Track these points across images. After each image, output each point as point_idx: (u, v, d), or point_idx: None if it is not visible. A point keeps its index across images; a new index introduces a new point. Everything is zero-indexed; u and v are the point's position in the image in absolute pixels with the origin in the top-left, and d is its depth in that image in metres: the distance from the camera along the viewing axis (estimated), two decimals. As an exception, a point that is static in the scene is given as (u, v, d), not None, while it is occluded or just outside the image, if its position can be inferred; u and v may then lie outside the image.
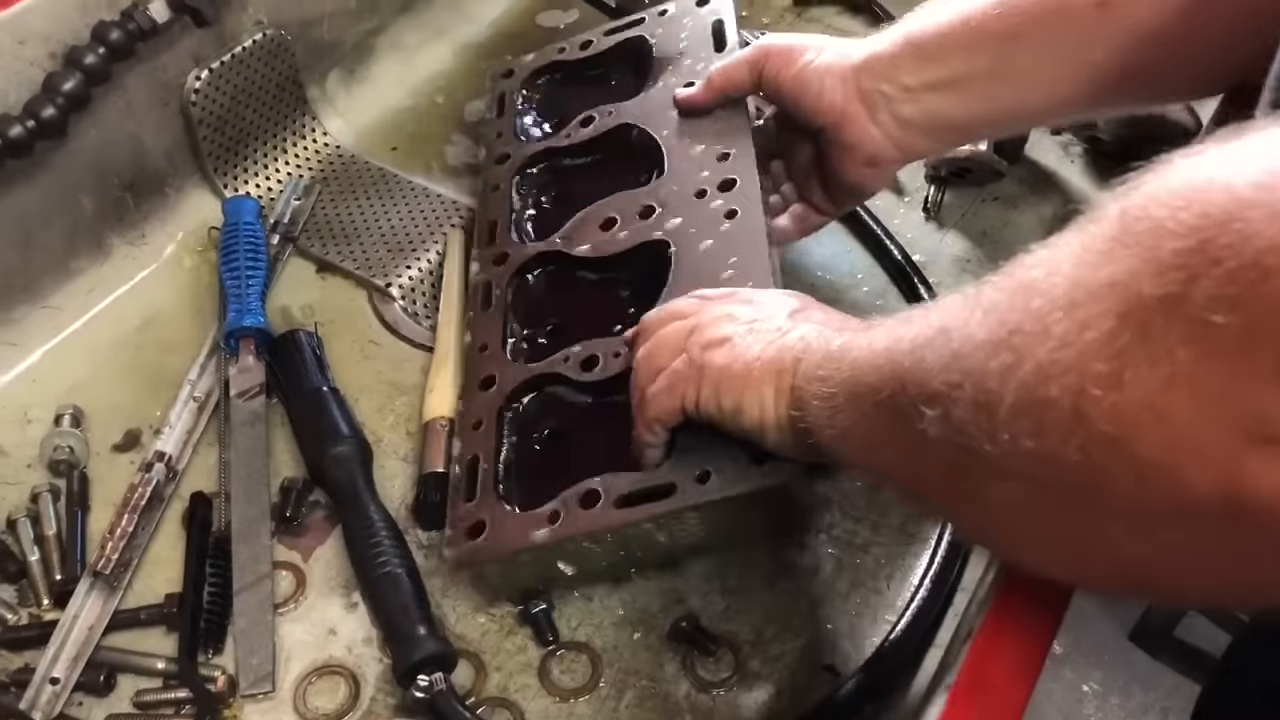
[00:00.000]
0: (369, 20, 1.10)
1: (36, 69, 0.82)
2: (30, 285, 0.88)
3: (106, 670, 0.70)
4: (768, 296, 0.70)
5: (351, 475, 0.78)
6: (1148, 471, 0.36)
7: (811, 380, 0.59)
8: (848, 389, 0.55)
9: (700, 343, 0.66)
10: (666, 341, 0.68)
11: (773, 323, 0.66)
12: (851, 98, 0.78)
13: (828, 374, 0.58)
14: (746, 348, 0.64)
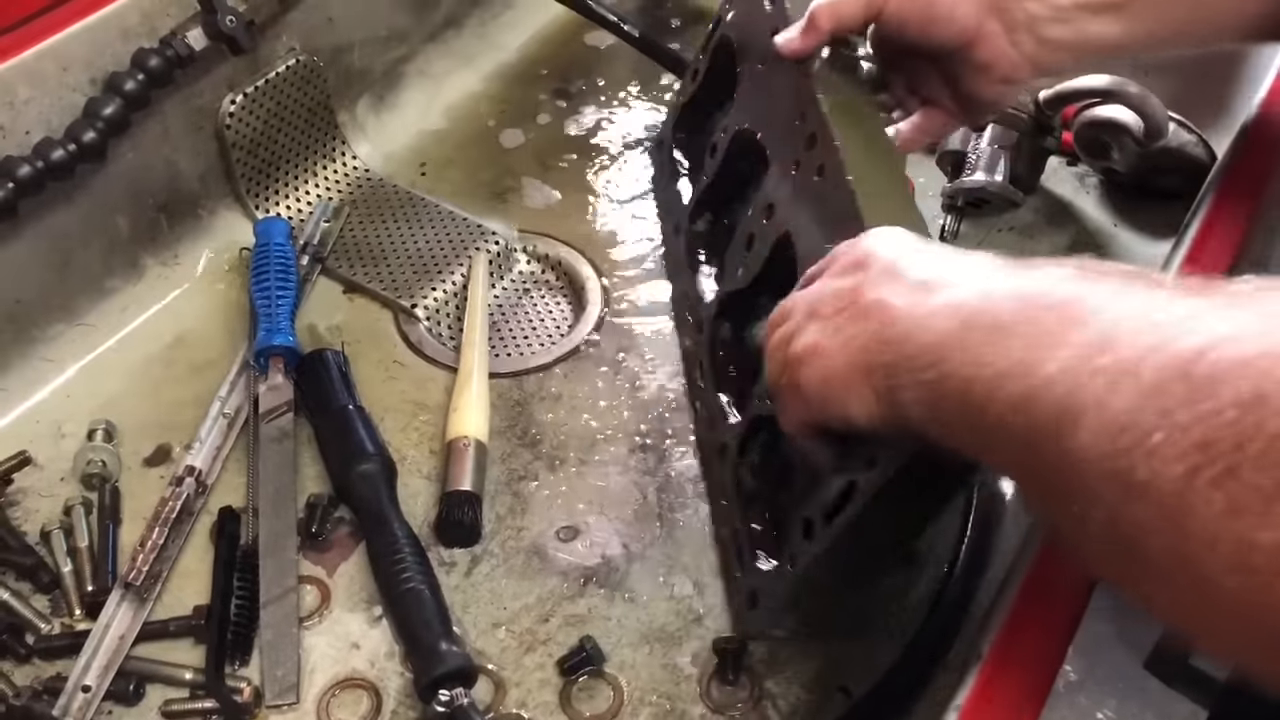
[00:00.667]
0: (398, 48, 1.13)
1: (78, 94, 0.85)
2: (66, 303, 0.91)
3: (136, 680, 0.72)
4: (861, 251, 0.62)
5: (376, 492, 0.80)
6: None
7: (903, 380, 0.54)
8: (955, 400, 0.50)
9: (791, 360, 0.61)
10: (772, 359, 0.65)
11: (863, 296, 0.58)
12: (987, 16, 0.75)
13: (925, 373, 0.52)
14: (833, 351, 0.59)
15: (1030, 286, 0.50)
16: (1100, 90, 0.95)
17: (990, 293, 0.51)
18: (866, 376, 0.57)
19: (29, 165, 0.81)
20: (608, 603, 0.77)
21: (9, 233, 0.84)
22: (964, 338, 0.51)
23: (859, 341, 0.57)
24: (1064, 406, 0.44)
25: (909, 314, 0.54)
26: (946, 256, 0.57)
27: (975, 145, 0.99)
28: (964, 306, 0.51)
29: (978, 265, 0.55)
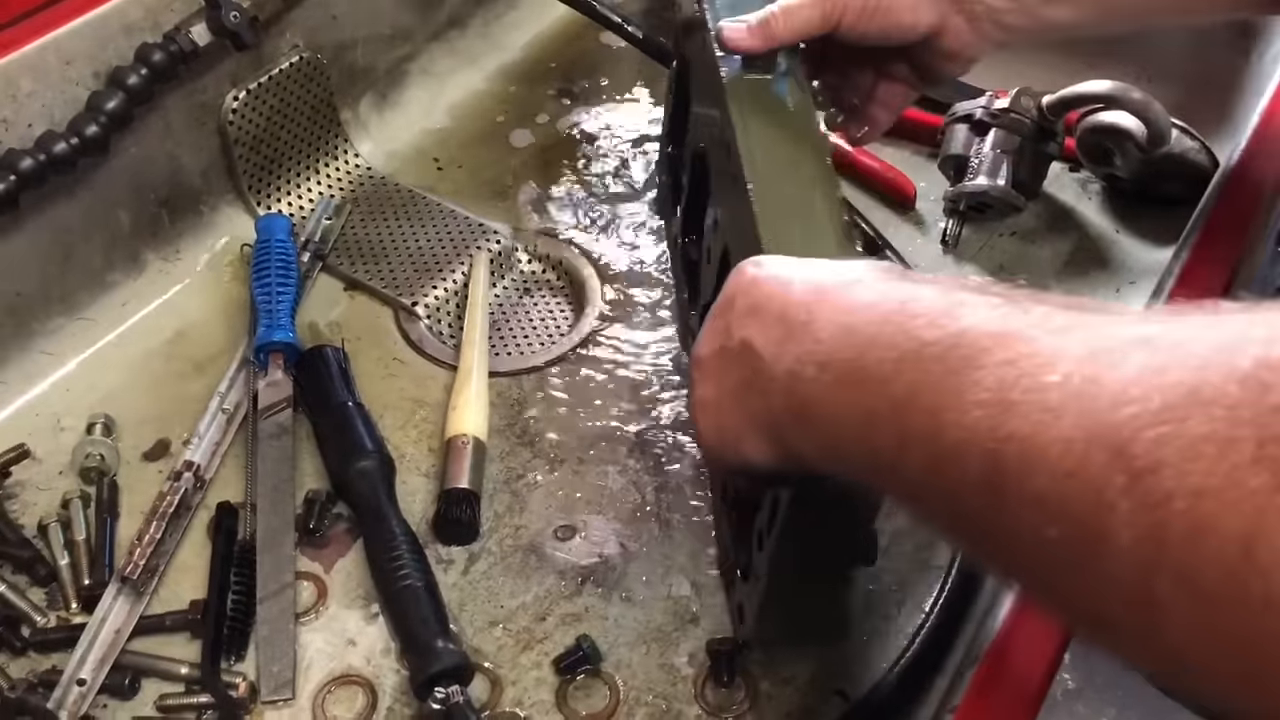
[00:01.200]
0: (402, 47, 1.13)
1: (81, 88, 0.85)
2: (67, 297, 0.91)
3: (131, 674, 0.72)
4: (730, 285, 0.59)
5: (374, 489, 0.80)
6: None
7: (788, 430, 0.52)
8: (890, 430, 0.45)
9: (691, 412, 0.61)
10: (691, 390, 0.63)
11: (731, 337, 0.56)
12: (949, 12, 0.76)
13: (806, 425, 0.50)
14: (717, 401, 0.57)
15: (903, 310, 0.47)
16: (1103, 96, 0.95)
17: (853, 329, 0.49)
18: (752, 425, 0.55)
19: (31, 158, 0.81)
20: (605, 602, 0.77)
21: (10, 226, 0.84)
22: (835, 393, 0.48)
23: (736, 389, 0.56)
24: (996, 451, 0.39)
25: (774, 360, 0.52)
26: (810, 283, 0.54)
27: (978, 150, 0.99)
28: (830, 356, 0.49)
29: (842, 292, 0.51)
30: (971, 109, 1.01)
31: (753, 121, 0.76)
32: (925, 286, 0.48)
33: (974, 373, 0.41)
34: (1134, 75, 1.00)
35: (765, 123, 0.77)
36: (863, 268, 0.54)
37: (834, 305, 0.51)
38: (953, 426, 0.41)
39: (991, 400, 0.40)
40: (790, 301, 0.53)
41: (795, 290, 0.54)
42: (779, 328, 0.53)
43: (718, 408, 0.58)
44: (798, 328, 0.52)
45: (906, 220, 1.05)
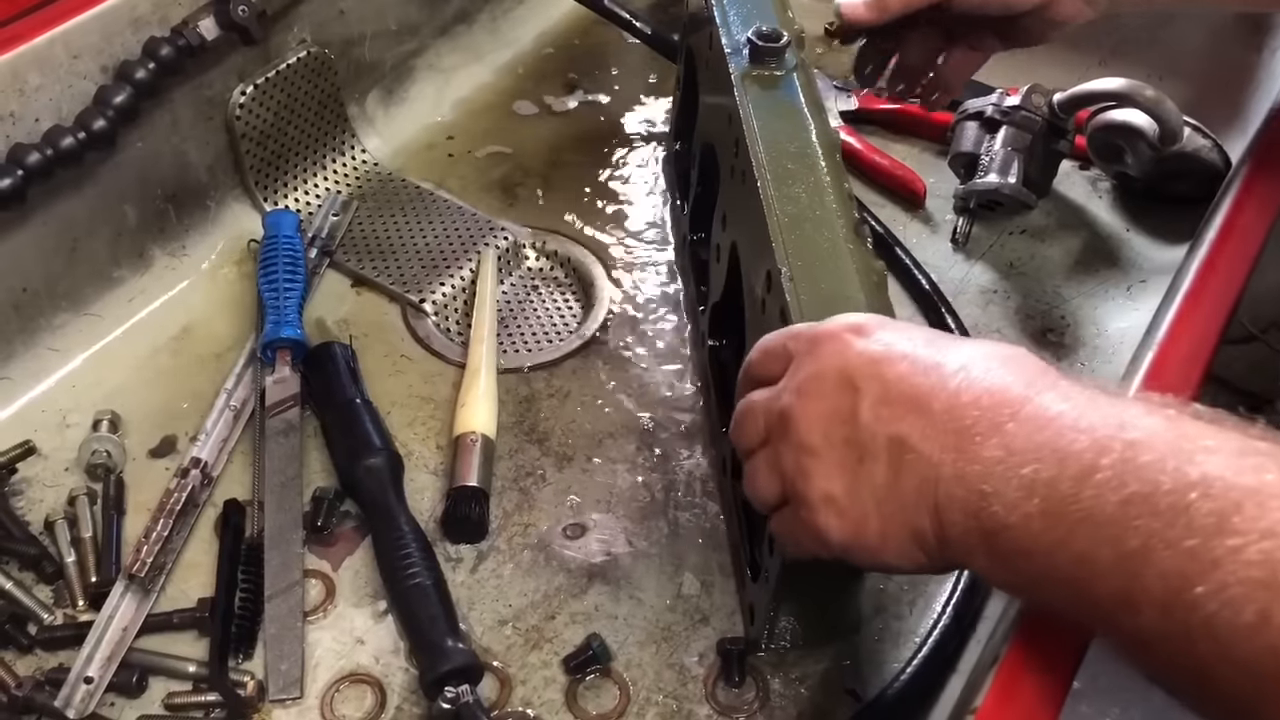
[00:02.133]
0: (409, 42, 1.12)
1: (89, 82, 0.84)
2: (73, 293, 0.90)
3: (139, 672, 0.71)
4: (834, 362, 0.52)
5: (383, 487, 0.80)
6: None
7: (971, 554, 0.47)
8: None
9: (799, 502, 0.54)
10: (760, 489, 0.58)
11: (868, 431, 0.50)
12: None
13: (1006, 558, 0.45)
14: (855, 502, 0.51)
15: (1122, 438, 0.41)
16: (1115, 94, 0.94)
17: (1062, 452, 0.42)
18: (912, 538, 0.50)
19: (38, 153, 0.80)
20: (614, 601, 0.77)
21: (16, 221, 0.83)
22: (1042, 526, 0.42)
23: (887, 493, 0.50)
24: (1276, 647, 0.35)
25: (953, 473, 0.46)
26: (953, 367, 0.49)
27: (989, 147, 0.99)
28: (1034, 479, 0.43)
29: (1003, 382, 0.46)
30: (982, 106, 1.00)
31: (762, 117, 0.76)
32: (1134, 406, 0.43)
33: (1229, 538, 0.36)
34: (1145, 73, 0.99)
35: (775, 118, 0.76)
36: (1014, 355, 0.48)
37: (1030, 416, 0.45)
38: (1207, 600, 0.36)
39: (1260, 579, 0.35)
40: (960, 403, 0.47)
41: (958, 386, 0.48)
42: (954, 435, 0.47)
43: (854, 508, 0.51)
44: (983, 439, 0.46)
45: (916, 218, 1.05)
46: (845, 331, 0.54)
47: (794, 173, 0.72)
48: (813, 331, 0.56)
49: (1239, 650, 0.36)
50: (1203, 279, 0.73)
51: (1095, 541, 0.40)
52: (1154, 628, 0.39)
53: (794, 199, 0.70)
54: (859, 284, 0.65)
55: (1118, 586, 0.40)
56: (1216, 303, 0.70)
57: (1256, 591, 0.35)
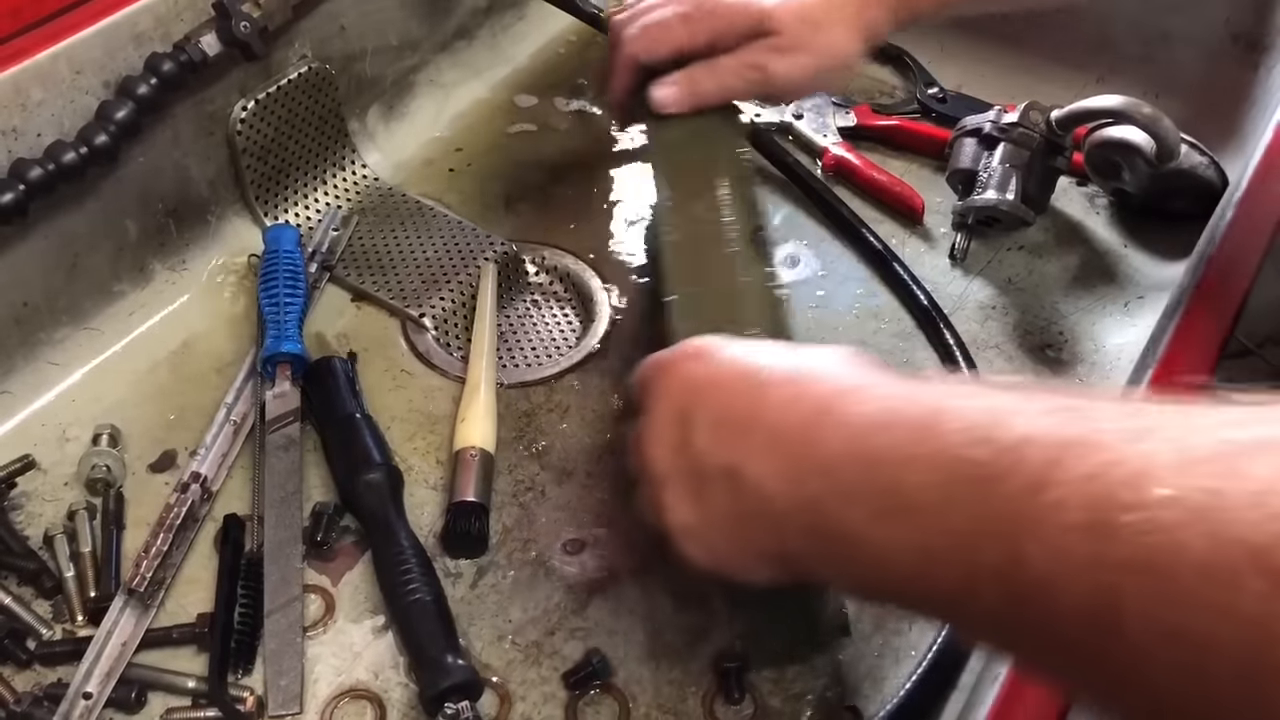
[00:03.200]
0: (409, 57, 1.13)
1: (91, 97, 0.84)
2: (73, 307, 0.90)
3: (138, 687, 0.71)
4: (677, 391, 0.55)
5: (382, 502, 0.79)
6: None
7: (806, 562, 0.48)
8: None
9: (669, 533, 0.57)
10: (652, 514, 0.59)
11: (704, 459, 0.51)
12: (861, 44, 0.82)
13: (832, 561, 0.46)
14: (704, 529, 0.54)
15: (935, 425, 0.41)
16: (1112, 111, 0.95)
17: (877, 455, 0.43)
18: (761, 558, 0.52)
19: (40, 167, 0.80)
20: (614, 616, 0.77)
21: (17, 235, 0.83)
22: (875, 530, 0.43)
23: (729, 520, 0.51)
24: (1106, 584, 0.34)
25: (781, 495, 0.48)
26: (791, 388, 0.50)
27: (986, 164, 0.99)
28: (856, 488, 0.44)
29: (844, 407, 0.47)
30: (980, 123, 1.01)
31: (665, 139, 0.78)
32: (945, 390, 0.44)
33: (1050, 493, 0.36)
34: (1142, 90, 1.00)
35: (678, 134, 0.78)
36: (838, 361, 0.49)
37: (840, 423, 0.46)
38: (1037, 558, 0.36)
39: (1084, 524, 0.35)
40: (777, 421, 0.48)
41: (776, 402, 0.49)
42: (774, 457, 0.48)
43: (707, 535, 0.54)
44: (801, 455, 0.47)
45: (914, 234, 1.05)
46: (682, 360, 0.55)
47: (695, 190, 0.73)
48: (658, 362, 0.57)
49: (1072, 597, 0.35)
50: (1201, 296, 0.73)
51: (926, 531, 0.41)
52: (996, 603, 0.38)
53: (692, 220, 0.71)
54: (749, 303, 0.66)
55: (958, 571, 0.40)
56: (1215, 319, 0.71)
57: (1082, 536, 0.35)
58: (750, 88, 0.82)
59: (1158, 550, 0.33)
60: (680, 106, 0.83)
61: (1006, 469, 0.38)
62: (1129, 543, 0.33)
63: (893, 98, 1.19)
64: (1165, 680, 0.33)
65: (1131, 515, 0.34)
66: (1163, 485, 0.34)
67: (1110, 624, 0.34)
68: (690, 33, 0.82)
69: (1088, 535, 0.35)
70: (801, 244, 1.04)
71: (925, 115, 1.16)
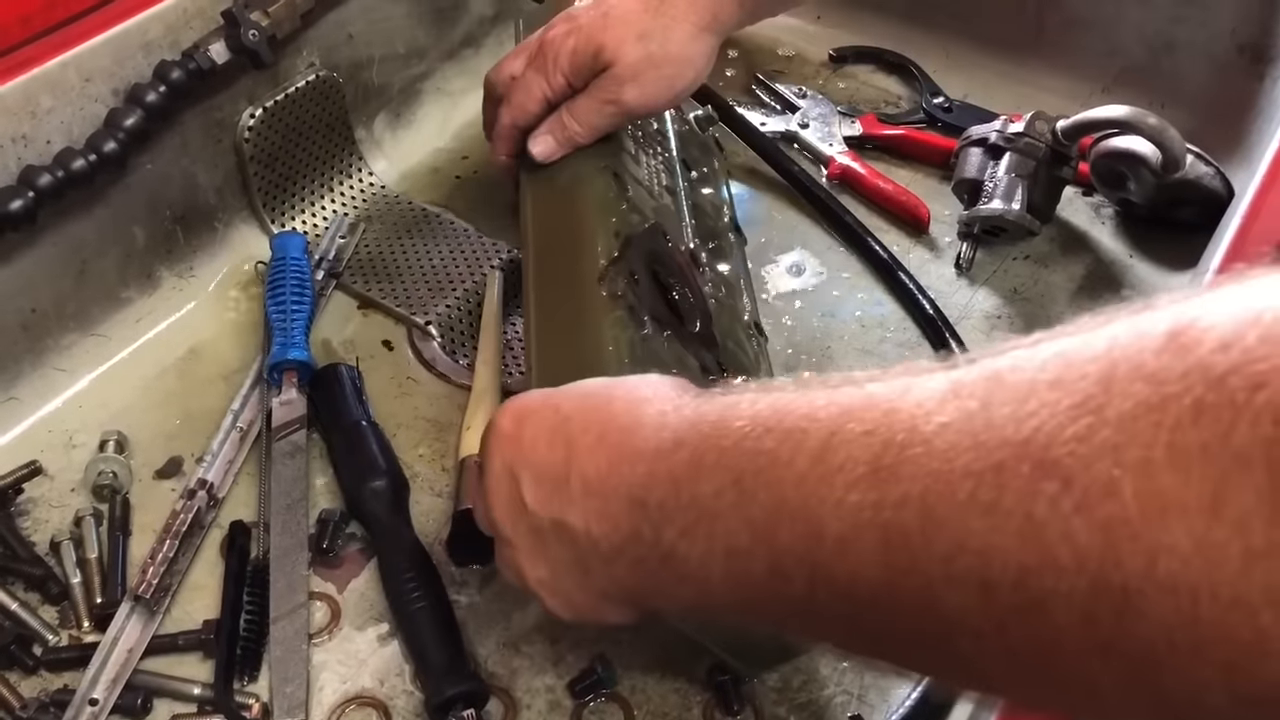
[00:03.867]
0: (417, 66, 1.13)
1: (100, 105, 0.85)
2: (81, 313, 0.90)
3: (144, 694, 0.71)
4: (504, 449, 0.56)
5: (388, 509, 0.80)
6: None
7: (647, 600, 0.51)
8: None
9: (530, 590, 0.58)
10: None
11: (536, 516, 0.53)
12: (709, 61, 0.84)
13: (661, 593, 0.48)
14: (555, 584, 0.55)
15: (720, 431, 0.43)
16: (1118, 121, 0.95)
17: (672, 473, 0.45)
18: (606, 600, 0.53)
19: (49, 174, 0.81)
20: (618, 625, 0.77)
21: (27, 242, 0.84)
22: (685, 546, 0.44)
23: (572, 570, 0.53)
24: (890, 522, 0.35)
25: (605, 538, 0.49)
26: (592, 430, 0.51)
27: (992, 174, 0.99)
28: (662, 513, 0.45)
29: (636, 436, 0.48)
30: (986, 133, 1.01)
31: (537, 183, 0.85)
32: (731, 398, 0.45)
33: (833, 458, 0.37)
34: (1148, 101, 1.00)
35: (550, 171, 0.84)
36: (642, 394, 0.50)
37: (639, 455, 0.47)
38: (831, 521, 0.37)
39: (866, 475, 0.36)
40: (587, 469, 0.49)
41: (583, 450, 0.50)
42: (590, 501, 0.49)
43: (559, 588, 0.55)
44: (611, 495, 0.48)
45: (920, 243, 1.05)
46: (504, 422, 0.56)
47: (545, 246, 0.78)
48: (491, 422, 0.58)
49: (867, 551, 0.36)
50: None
51: (730, 532, 0.42)
52: (803, 582, 0.39)
53: (554, 264, 0.77)
54: (600, 342, 0.69)
55: (764, 562, 0.40)
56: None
57: (866, 488, 0.36)
58: (613, 121, 0.83)
59: (933, 476, 0.33)
60: (559, 154, 0.84)
61: (792, 450, 0.39)
62: (907, 478, 0.34)
63: (898, 107, 1.19)
64: (956, 610, 0.34)
65: (906, 452, 0.35)
66: (933, 417, 0.35)
67: (903, 565, 0.35)
68: (549, 84, 0.83)
69: (871, 484, 0.36)
70: (807, 253, 1.04)
71: (931, 125, 1.16)
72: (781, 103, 1.18)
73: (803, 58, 1.25)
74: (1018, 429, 0.32)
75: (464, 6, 1.17)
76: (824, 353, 0.95)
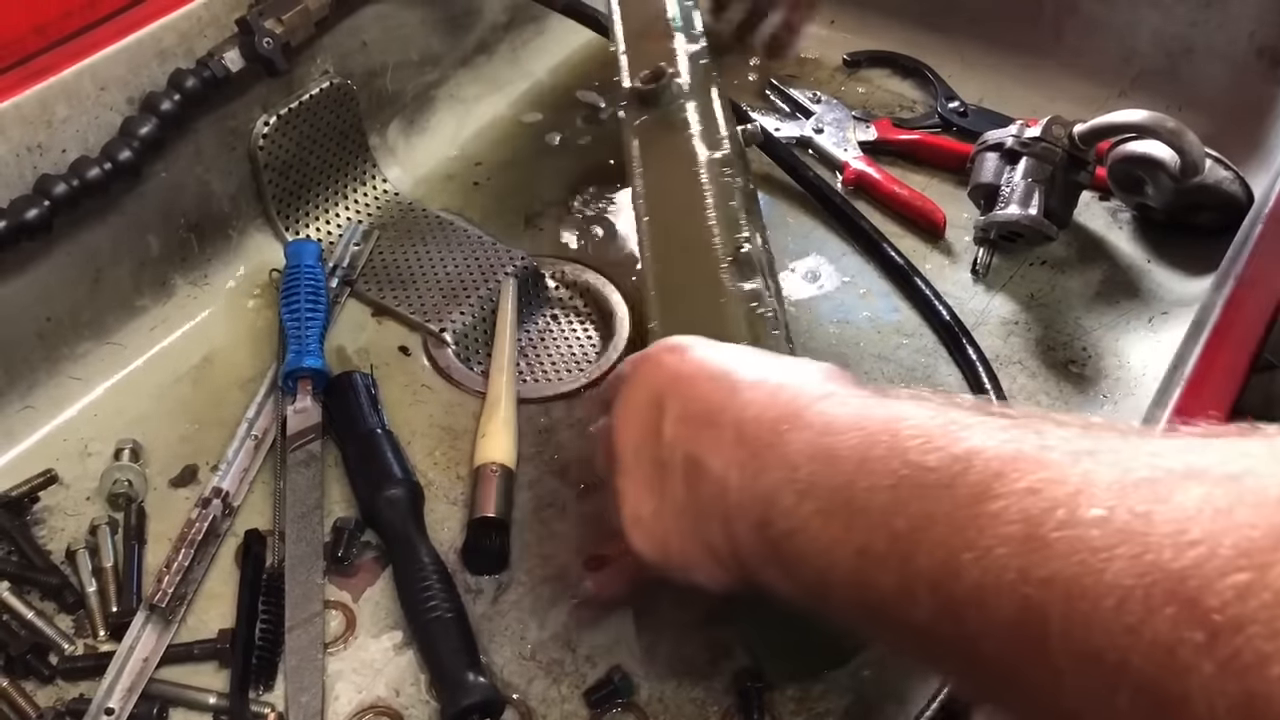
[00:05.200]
0: (430, 73, 1.13)
1: (115, 113, 0.85)
2: (96, 321, 0.91)
3: (159, 703, 0.71)
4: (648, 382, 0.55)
5: (403, 518, 0.79)
6: None
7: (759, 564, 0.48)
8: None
9: (620, 522, 0.57)
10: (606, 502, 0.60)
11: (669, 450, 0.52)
12: None
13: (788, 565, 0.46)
14: (656, 520, 0.53)
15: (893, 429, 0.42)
16: (1136, 125, 0.94)
17: (835, 452, 0.44)
18: (708, 554, 0.51)
19: (65, 183, 0.81)
20: (635, 633, 0.76)
21: (41, 251, 0.84)
22: (820, 527, 0.43)
23: (685, 512, 0.51)
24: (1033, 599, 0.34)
25: (740, 488, 0.48)
26: (764, 390, 0.50)
27: (1009, 179, 0.99)
28: (811, 483, 0.44)
29: (787, 395, 0.47)
30: (1002, 138, 1.00)
31: (649, 164, 0.80)
32: (909, 402, 0.44)
33: (991, 504, 0.36)
34: (1166, 105, 0.99)
35: (661, 161, 0.80)
36: (811, 372, 0.49)
37: (808, 423, 0.46)
38: (972, 566, 0.36)
39: (1019, 536, 0.35)
40: (746, 417, 0.49)
41: (747, 400, 0.49)
42: (739, 449, 0.48)
43: (659, 526, 0.53)
44: (764, 450, 0.47)
45: (936, 249, 1.05)
46: (662, 353, 0.56)
47: (677, 216, 0.74)
48: (638, 356, 0.58)
49: (1002, 611, 0.35)
50: (1231, 312, 0.73)
51: (869, 531, 0.41)
52: (929, 613, 0.39)
53: (677, 242, 0.72)
54: (729, 324, 0.67)
55: (894, 576, 0.40)
56: (1244, 336, 0.70)
57: (1016, 549, 0.35)
58: None
59: (1083, 569, 0.33)
60: None
61: (954, 476, 0.38)
62: (1058, 559, 0.34)
63: (913, 112, 1.19)
64: (1077, 706, 0.33)
65: (1063, 531, 0.34)
66: (1096, 505, 0.34)
67: (1035, 642, 0.34)
68: None
69: (1020, 548, 0.35)
70: (822, 259, 1.03)
71: (946, 129, 1.15)
72: (796, 108, 1.17)
73: (817, 62, 1.25)
74: (1176, 556, 0.31)
75: (478, 13, 1.17)
76: (840, 359, 0.94)
